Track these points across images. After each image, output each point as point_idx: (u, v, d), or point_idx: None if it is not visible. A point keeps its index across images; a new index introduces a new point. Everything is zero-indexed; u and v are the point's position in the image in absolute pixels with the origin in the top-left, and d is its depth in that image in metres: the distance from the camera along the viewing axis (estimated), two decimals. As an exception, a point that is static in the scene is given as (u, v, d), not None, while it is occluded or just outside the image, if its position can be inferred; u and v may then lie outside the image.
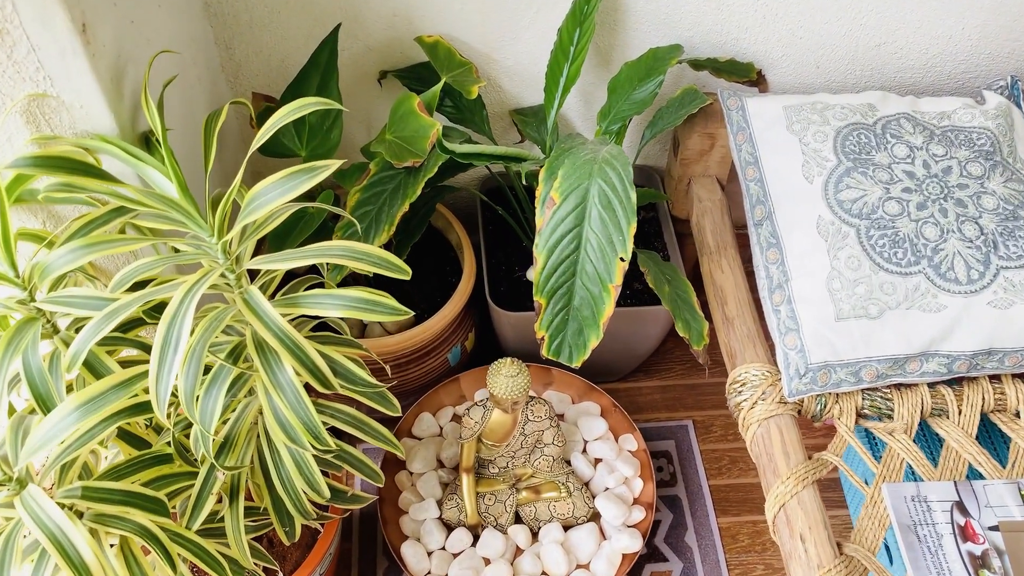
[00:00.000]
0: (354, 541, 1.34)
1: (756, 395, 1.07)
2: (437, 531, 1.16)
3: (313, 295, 0.83)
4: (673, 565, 1.31)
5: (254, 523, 0.97)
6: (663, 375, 1.54)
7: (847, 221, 1.07)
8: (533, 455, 1.18)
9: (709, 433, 1.47)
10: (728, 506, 1.38)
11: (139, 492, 0.81)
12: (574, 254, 0.98)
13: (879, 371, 1.05)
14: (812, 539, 0.95)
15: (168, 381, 0.74)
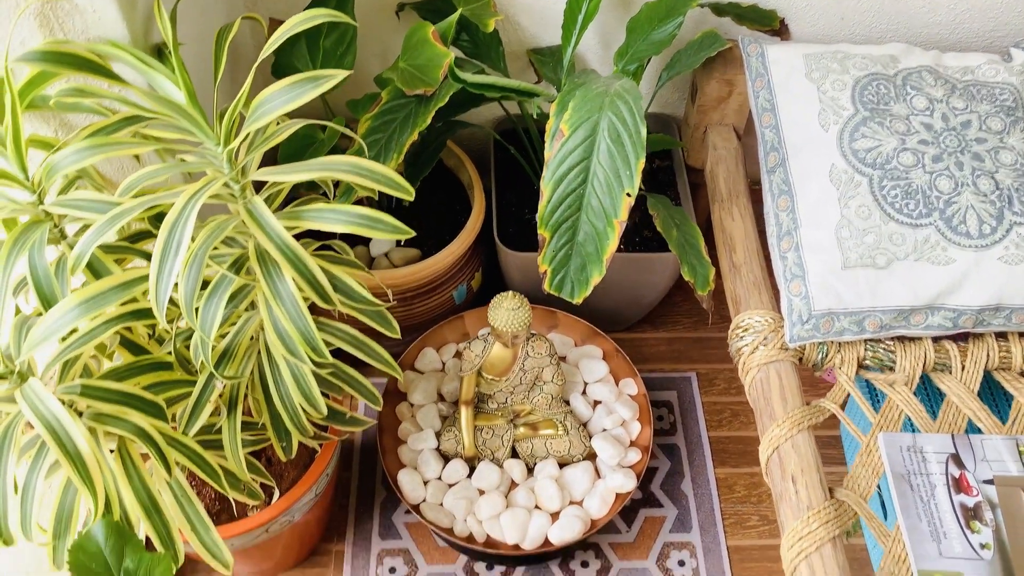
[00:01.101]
0: (354, 471, 1.36)
1: (758, 340, 1.07)
2: (434, 461, 1.18)
3: (315, 208, 0.83)
4: (668, 511, 1.32)
5: (252, 437, 0.99)
6: (670, 327, 1.54)
7: (860, 170, 1.06)
8: (532, 392, 1.18)
9: (712, 386, 1.47)
10: (727, 457, 1.38)
11: (138, 394, 0.82)
12: (581, 187, 0.98)
13: (883, 322, 1.04)
14: (803, 481, 0.95)
15: (168, 283, 0.75)
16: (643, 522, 1.31)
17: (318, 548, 1.28)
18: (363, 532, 1.29)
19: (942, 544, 0.92)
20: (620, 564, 1.27)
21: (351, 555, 1.27)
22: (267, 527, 1.03)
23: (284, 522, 1.06)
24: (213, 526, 0.91)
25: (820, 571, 0.89)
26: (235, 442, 0.92)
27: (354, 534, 1.29)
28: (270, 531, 1.05)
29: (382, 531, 1.30)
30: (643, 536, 1.30)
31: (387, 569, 1.26)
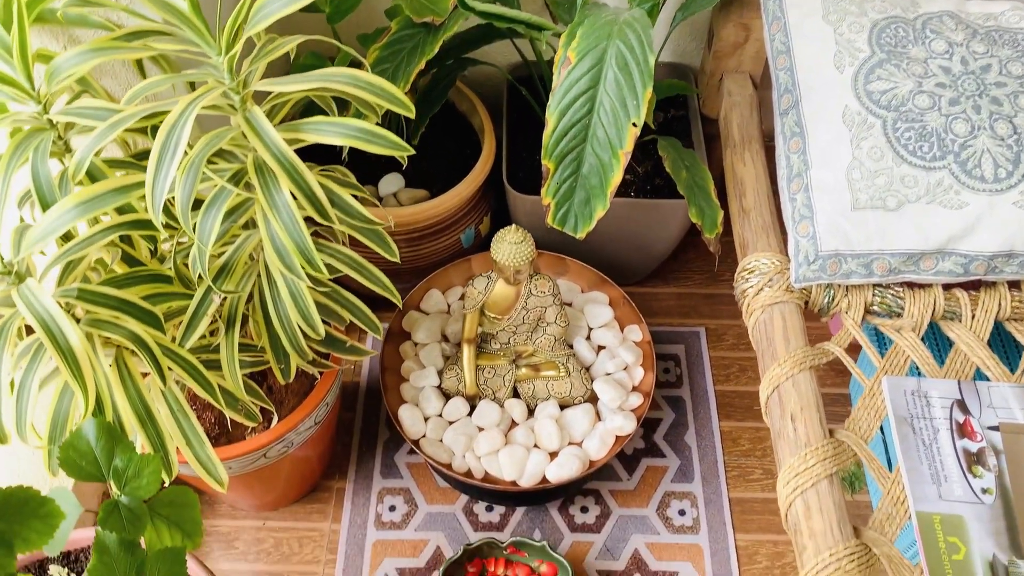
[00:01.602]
0: (357, 412, 1.36)
1: (763, 282, 1.05)
2: (435, 398, 1.18)
3: (314, 121, 0.83)
4: (670, 461, 1.31)
5: (251, 359, 0.99)
6: (680, 283, 1.52)
7: (874, 112, 1.04)
8: (535, 333, 1.18)
9: (721, 341, 1.45)
10: (732, 411, 1.37)
11: (134, 302, 0.82)
12: (586, 117, 0.97)
13: (892, 265, 1.02)
14: (803, 419, 0.94)
15: (164, 185, 0.75)
16: (644, 471, 1.30)
17: (319, 485, 1.29)
18: (364, 470, 1.30)
19: (942, 487, 0.91)
20: (620, 511, 1.26)
21: (352, 492, 1.28)
22: (265, 451, 1.03)
23: (282, 449, 1.06)
24: (208, 442, 0.92)
25: (816, 508, 0.88)
26: (232, 360, 0.92)
27: (355, 472, 1.30)
28: (268, 456, 1.05)
29: (383, 470, 1.30)
30: (644, 484, 1.29)
31: (387, 507, 1.26)
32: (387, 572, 1.21)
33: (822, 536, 0.86)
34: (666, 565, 1.21)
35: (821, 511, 0.87)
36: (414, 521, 1.25)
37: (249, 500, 1.23)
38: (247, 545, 1.23)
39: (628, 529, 1.25)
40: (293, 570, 1.21)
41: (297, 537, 1.24)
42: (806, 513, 0.88)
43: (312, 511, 1.27)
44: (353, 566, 1.21)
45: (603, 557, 1.22)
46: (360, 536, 1.24)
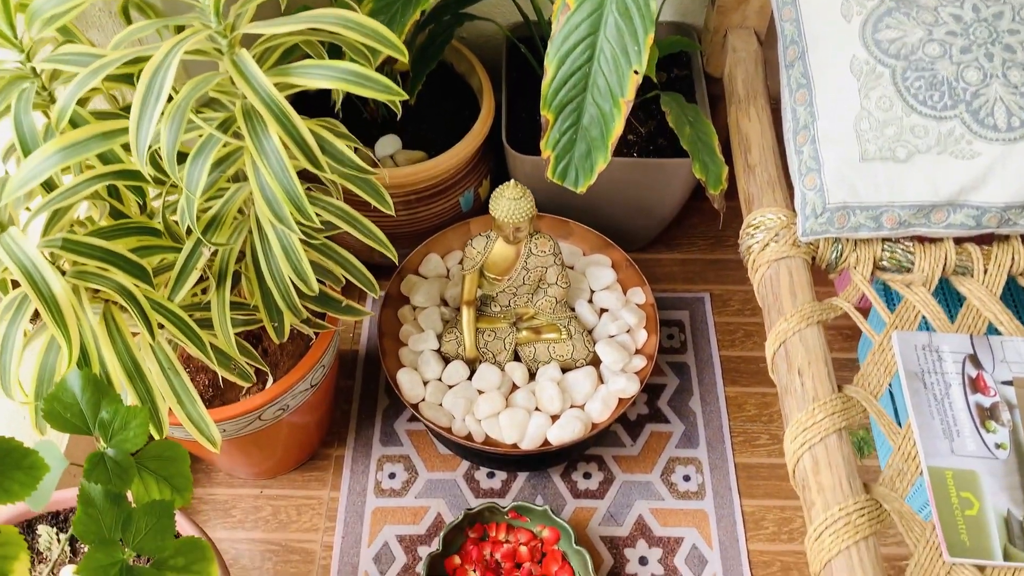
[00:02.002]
0: (356, 380, 1.34)
1: (769, 237, 1.02)
2: (434, 362, 1.15)
3: (304, 65, 0.80)
4: (674, 427, 1.29)
5: (243, 317, 0.97)
6: (684, 249, 1.49)
7: (883, 61, 1.01)
8: (536, 295, 1.15)
9: (726, 307, 1.42)
10: (738, 376, 1.35)
11: (121, 253, 0.80)
12: (587, 65, 0.94)
13: (901, 218, 0.99)
14: (810, 374, 0.91)
15: (148, 129, 0.73)
16: (648, 436, 1.28)
17: (318, 453, 1.27)
18: (364, 438, 1.28)
19: (954, 442, 0.88)
20: (623, 476, 1.24)
21: (351, 460, 1.26)
22: (259, 413, 1.01)
23: (278, 412, 1.04)
24: (200, 401, 0.89)
25: (824, 463, 0.85)
26: (224, 316, 0.90)
27: (354, 440, 1.28)
28: (264, 419, 1.03)
29: (383, 437, 1.28)
30: (648, 450, 1.26)
31: (387, 475, 1.24)
32: (387, 539, 1.19)
33: (831, 491, 0.83)
34: (671, 531, 1.19)
35: (830, 466, 0.85)
36: (414, 488, 1.23)
37: (246, 468, 1.21)
38: (244, 513, 1.21)
39: (632, 495, 1.22)
40: (291, 538, 1.19)
41: (295, 505, 1.22)
42: (814, 468, 0.85)
43: (310, 479, 1.25)
44: (352, 533, 1.19)
45: (606, 523, 1.20)
46: (359, 504, 1.22)
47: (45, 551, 0.89)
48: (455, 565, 1.12)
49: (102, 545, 0.67)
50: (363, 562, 1.17)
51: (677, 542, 1.18)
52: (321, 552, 1.18)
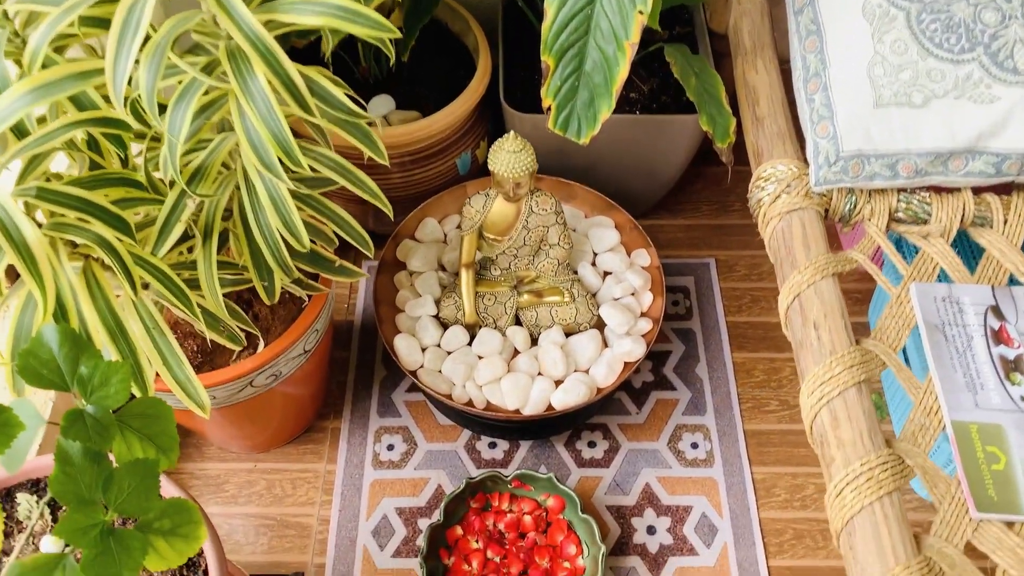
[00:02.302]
0: (352, 351, 1.30)
1: (780, 188, 0.98)
2: (433, 328, 1.11)
3: (290, 1, 0.76)
4: (681, 394, 1.25)
5: (232, 277, 0.92)
6: (688, 214, 1.45)
7: (896, 4, 0.97)
8: (537, 257, 1.11)
9: (732, 272, 1.38)
10: (745, 342, 1.31)
11: (100, 204, 0.76)
12: (589, 6, 0.90)
13: (918, 166, 0.95)
14: (827, 326, 0.87)
15: (125, 66, 0.68)
16: (654, 404, 1.24)
17: (313, 425, 1.23)
18: (360, 409, 1.24)
19: (978, 395, 0.84)
20: (629, 445, 1.20)
21: (347, 432, 1.22)
22: (251, 379, 0.97)
23: (270, 379, 1.00)
24: (187, 363, 0.85)
25: (843, 417, 0.81)
26: (211, 274, 0.86)
27: (351, 411, 1.23)
28: (255, 386, 0.99)
29: (380, 408, 1.24)
30: (654, 418, 1.23)
31: (385, 446, 1.20)
32: (386, 512, 1.15)
33: (851, 446, 0.79)
34: (679, 499, 1.15)
35: (850, 420, 0.81)
36: (413, 460, 1.19)
37: (239, 441, 1.17)
38: (237, 488, 1.17)
39: (638, 463, 1.18)
40: (286, 512, 1.15)
41: (290, 479, 1.18)
42: (833, 423, 0.81)
43: (306, 452, 1.20)
44: (350, 506, 1.15)
45: (612, 492, 1.16)
46: (357, 476, 1.18)
47: (24, 519, 0.84)
48: (457, 536, 1.08)
49: (81, 506, 0.63)
50: (362, 536, 1.13)
51: (686, 511, 1.15)
52: (318, 526, 1.14)
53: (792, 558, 1.11)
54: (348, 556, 1.11)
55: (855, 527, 0.76)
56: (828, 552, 1.11)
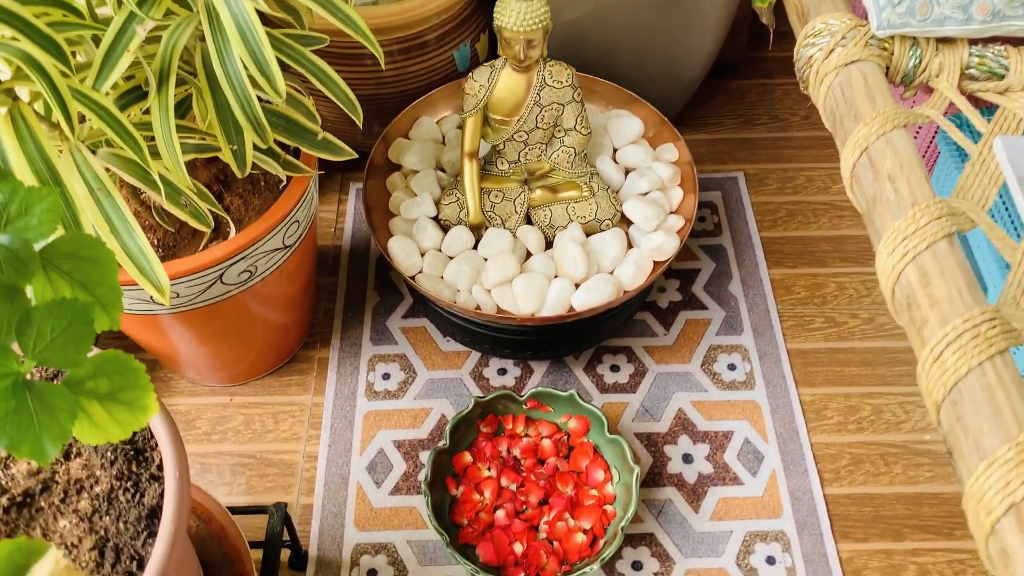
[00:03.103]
0: (340, 276, 1.15)
1: (834, 42, 0.85)
2: (432, 229, 0.97)
3: None
4: (713, 313, 1.11)
5: (196, 142, 0.78)
6: (711, 129, 1.32)
7: None
8: (551, 147, 0.97)
9: (763, 186, 1.25)
10: (783, 258, 1.17)
11: (29, 20, 0.62)
12: None
13: (995, 7, 0.82)
14: (904, 178, 0.73)
15: None
16: (683, 325, 1.10)
17: (297, 355, 1.08)
18: (351, 337, 1.09)
19: (1087, 253, 0.70)
20: (657, 368, 1.06)
21: (336, 361, 1.07)
22: (221, 272, 0.82)
23: (244, 275, 0.85)
24: (141, 232, 0.71)
25: (935, 272, 0.67)
26: (168, 128, 0.71)
27: (340, 339, 1.09)
28: (227, 282, 0.84)
29: (374, 336, 1.09)
30: (684, 339, 1.08)
31: (380, 375, 1.05)
32: (382, 446, 1.00)
33: (948, 302, 0.65)
34: (718, 425, 1.01)
35: (943, 274, 0.67)
36: (413, 389, 1.04)
37: (212, 369, 1.02)
38: (211, 424, 1.02)
39: (669, 387, 1.04)
40: (267, 449, 1.00)
41: (272, 413, 1.03)
42: (922, 280, 0.67)
43: (289, 383, 1.06)
44: (341, 441, 1.00)
45: (641, 418, 1.02)
46: (348, 408, 1.03)
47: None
48: (465, 463, 0.93)
49: (-13, 347, 0.49)
50: (355, 472, 0.98)
51: (726, 437, 1.00)
52: (304, 464, 0.99)
53: (851, 485, 0.97)
54: (339, 495, 0.96)
55: (962, 393, 0.62)
56: (891, 478, 0.97)
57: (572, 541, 0.87)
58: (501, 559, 0.86)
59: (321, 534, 0.94)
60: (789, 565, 0.91)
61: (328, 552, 0.92)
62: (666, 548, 0.92)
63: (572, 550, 0.87)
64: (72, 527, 0.59)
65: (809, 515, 0.94)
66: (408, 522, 0.94)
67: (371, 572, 0.91)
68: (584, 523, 0.89)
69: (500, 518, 0.89)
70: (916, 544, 0.93)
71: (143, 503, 0.59)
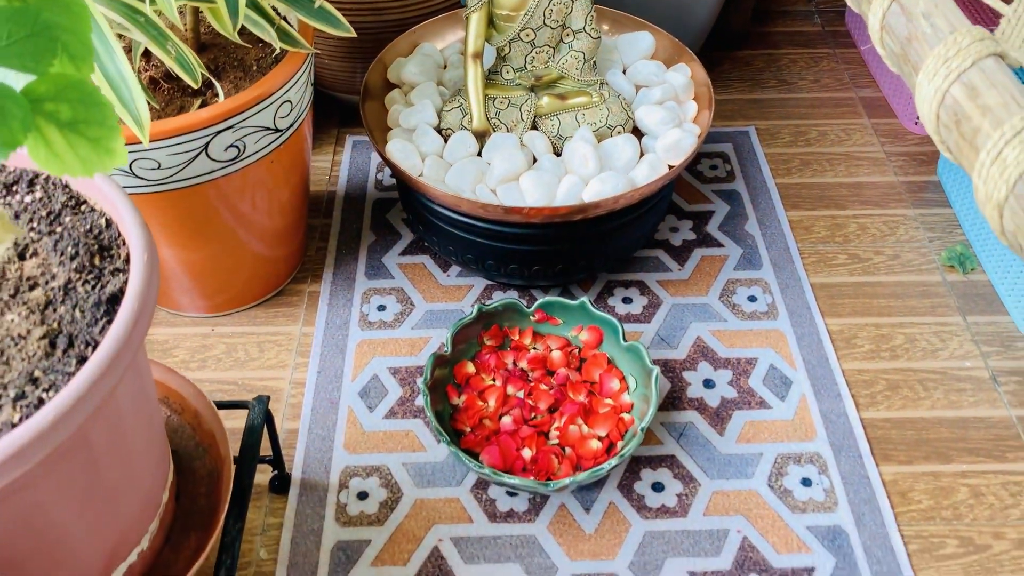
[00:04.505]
0: (335, 218, 1.09)
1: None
2: (433, 135, 0.92)
3: None
4: (730, 251, 1.05)
5: (185, -12, 0.74)
6: (719, 90, 1.29)
7: None
8: (559, 53, 0.93)
9: (775, 139, 1.21)
10: (800, 201, 1.11)
11: None
12: None
13: None
14: (940, 13, 0.68)
15: None
16: (699, 261, 1.03)
17: (286, 289, 1.01)
18: (345, 272, 1.02)
19: None
20: (672, 300, 0.99)
21: (328, 294, 1.00)
22: (207, 140, 0.76)
23: (230, 153, 0.79)
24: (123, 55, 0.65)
25: (983, 85, 0.62)
26: (156, -46, 0.67)
27: (333, 274, 1.02)
28: (212, 157, 0.78)
29: (369, 271, 1.02)
30: (700, 274, 1.02)
31: (375, 307, 0.98)
32: (376, 372, 0.92)
33: (1003, 108, 0.59)
34: (740, 352, 0.93)
35: (993, 86, 0.61)
36: (410, 320, 0.97)
37: (194, 295, 0.95)
38: (189, 353, 0.94)
39: (685, 317, 0.97)
40: (250, 376, 0.92)
41: (256, 342, 0.95)
42: (971, 95, 0.62)
43: (276, 315, 0.98)
44: (332, 367, 0.92)
45: (657, 346, 0.94)
46: (340, 337, 0.95)
47: None
48: (468, 373, 0.85)
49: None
50: (346, 397, 0.89)
51: (750, 363, 0.92)
52: (291, 390, 0.91)
53: (888, 410, 0.88)
54: (328, 419, 0.87)
55: (1028, 186, 0.55)
56: (932, 403, 0.89)
57: (586, 447, 0.78)
58: (508, 465, 0.77)
59: (307, 457, 0.84)
60: (827, 487, 0.82)
61: (314, 475, 0.83)
62: (689, 470, 0.83)
63: (586, 456, 0.78)
64: (20, 319, 0.51)
65: (846, 438, 0.86)
66: (404, 445, 0.85)
67: (362, 494, 0.81)
68: (599, 431, 0.80)
69: (506, 424, 0.80)
70: (966, 467, 0.84)
71: (103, 292, 0.52)
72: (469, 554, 0.77)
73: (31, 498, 0.47)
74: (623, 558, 0.77)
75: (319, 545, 0.78)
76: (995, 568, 0.77)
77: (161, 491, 0.63)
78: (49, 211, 0.57)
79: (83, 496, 0.52)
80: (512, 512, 0.79)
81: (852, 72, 1.32)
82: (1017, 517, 0.80)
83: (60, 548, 0.52)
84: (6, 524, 0.47)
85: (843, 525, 0.79)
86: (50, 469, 0.47)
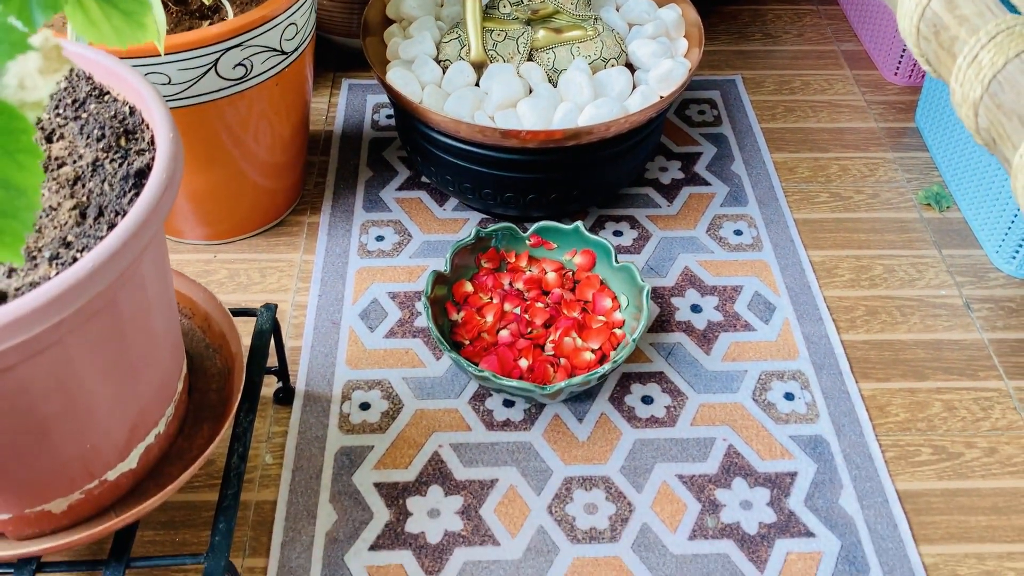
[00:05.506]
0: (332, 156, 1.12)
1: None
2: (432, 65, 0.94)
3: None
4: (717, 188, 1.08)
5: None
6: (708, 42, 1.32)
7: None
8: (555, -11, 0.96)
9: (760, 87, 1.24)
10: (784, 144, 1.15)
11: None
12: None
13: None
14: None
15: None
16: (687, 198, 1.07)
17: (286, 220, 1.03)
18: (343, 205, 1.05)
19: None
20: (661, 233, 1.02)
21: (328, 225, 1.02)
22: (216, 57, 0.79)
23: (238, 72, 0.82)
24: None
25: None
26: None
27: (332, 206, 1.04)
28: (221, 75, 0.80)
29: (367, 204, 1.05)
30: (688, 210, 1.05)
31: (373, 237, 1.01)
32: (376, 296, 0.94)
33: (978, 16, 0.63)
34: (726, 280, 0.97)
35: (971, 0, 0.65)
36: (408, 249, 1.00)
37: (196, 223, 0.97)
38: (193, 277, 0.96)
39: (674, 249, 1.00)
40: (253, 299, 0.95)
41: (258, 268, 0.98)
42: (949, 6, 0.65)
43: (278, 243, 1.01)
44: (332, 291, 0.95)
45: (647, 275, 0.97)
46: (340, 264, 0.98)
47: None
48: (466, 292, 0.88)
49: None
50: (347, 318, 0.92)
51: (735, 290, 0.96)
52: (293, 312, 0.93)
53: (867, 332, 0.93)
54: (330, 338, 0.90)
55: (1001, 84, 0.59)
56: (909, 327, 0.93)
57: (580, 358, 0.82)
58: (506, 372, 0.80)
59: (310, 372, 0.87)
60: (809, 401, 0.86)
61: (318, 388, 0.86)
62: (677, 385, 0.87)
63: (580, 366, 0.82)
64: (51, 194, 0.54)
65: (826, 357, 0.90)
66: (404, 361, 0.88)
67: (364, 405, 0.84)
68: (592, 343, 0.83)
69: (504, 337, 0.83)
70: (940, 383, 0.88)
71: (131, 167, 0.54)
72: (468, 458, 0.80)
73: (64, 354, 0.50)
74: (615, 462, 0.80)
75: (323, 450, 0.81)
76: (967, 473, 0.81)
77: (176, 380, 0.66)
78: (74, 99, 0.59)
79: (110, 364, 0.54)
80: (508, 421, 0.83)
81: (835, 27, 1.36)
82: (987, 428, 0.84)
83: (87, 416, 0.55)
84: (42, 378, 0.50)
85: (824, 435, 0.83)
86: (83, 325, 0.49)
